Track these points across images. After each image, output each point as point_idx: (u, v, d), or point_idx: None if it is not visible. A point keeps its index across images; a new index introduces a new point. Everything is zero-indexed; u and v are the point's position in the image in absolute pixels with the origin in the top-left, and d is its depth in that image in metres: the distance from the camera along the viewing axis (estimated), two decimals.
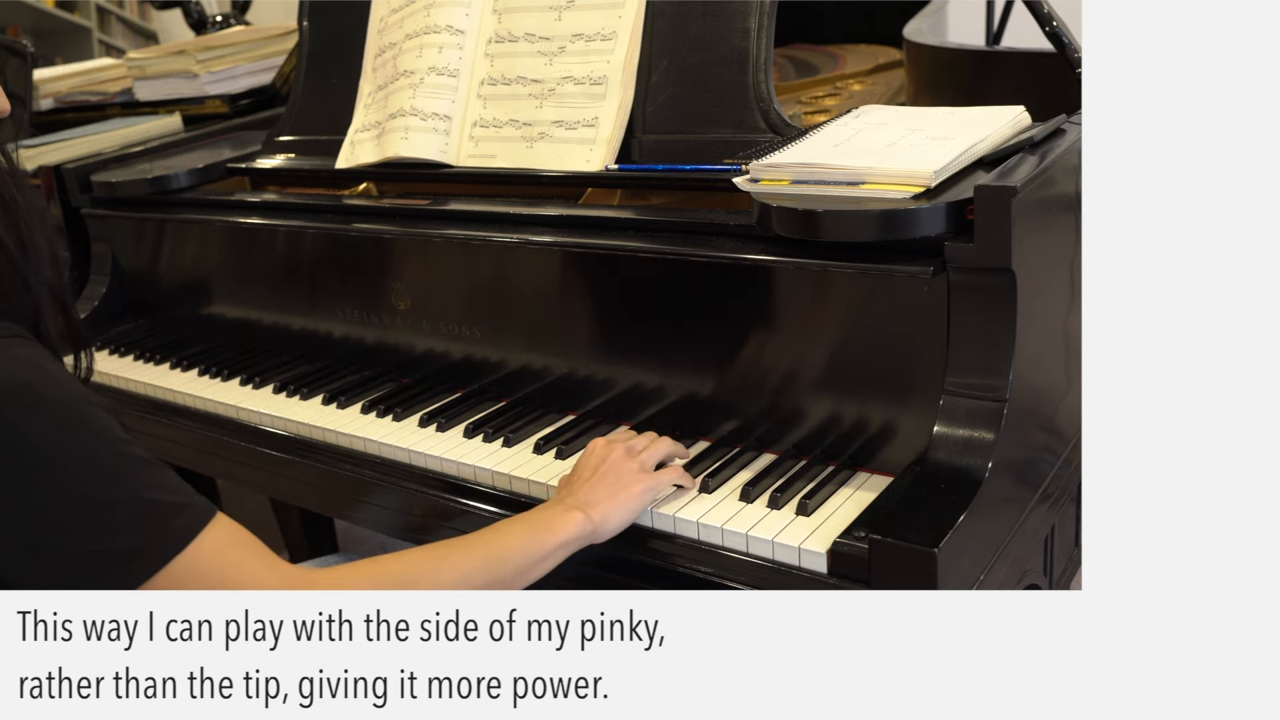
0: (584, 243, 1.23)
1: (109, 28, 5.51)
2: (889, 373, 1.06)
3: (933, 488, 0.96)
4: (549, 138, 1.36)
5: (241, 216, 1.60)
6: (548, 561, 0.99)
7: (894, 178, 1.02)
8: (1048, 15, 1.29)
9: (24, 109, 2.30)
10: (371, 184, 1.57)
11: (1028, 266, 0.99)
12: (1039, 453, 1.09)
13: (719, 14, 1.28)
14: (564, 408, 1.29)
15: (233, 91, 2.22)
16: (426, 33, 1.47)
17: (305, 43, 1.70)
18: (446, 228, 1.35)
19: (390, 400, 1.37)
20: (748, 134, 1.24)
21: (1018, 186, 0.94)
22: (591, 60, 1.35)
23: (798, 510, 1.02)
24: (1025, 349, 1.00)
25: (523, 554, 0.98)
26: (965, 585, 0.94)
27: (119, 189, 1.74)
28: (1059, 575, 1.22)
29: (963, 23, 1.94)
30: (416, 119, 1.44)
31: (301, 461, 1.37)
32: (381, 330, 1.45)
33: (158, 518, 0.83)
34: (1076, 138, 1.10)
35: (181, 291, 1.76)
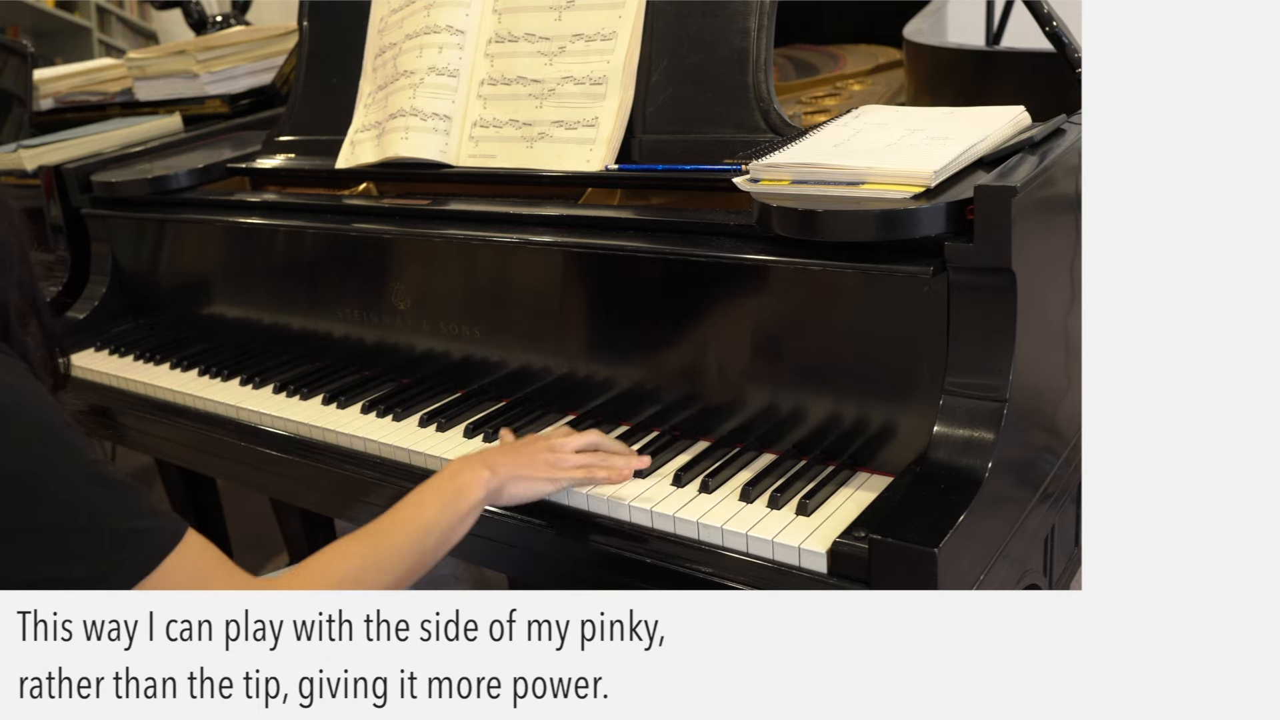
0: (584, 243, 1.23)
1: (109, 28, 5.51)
2: (889, 373, 1.06)
3: (933, 488, 0.96)
4: (549, 138, 1.36)
5: (241, 216, 1.60)
6: (463, 526, 1.02)
7: (894, 178, 1.02)
8: (1048, 15, 1.29)
9: (24, 109, 2.30)
10: (371, 184, 1.57)
11: (1028, 266, 0.99)
12: (1039, 453, 1.09)
13: (719, 14, 1.28)
14: (564, 408, 1.29)
15: (233, 91, 2.22)
16: (426, 33, 1.47)
17: (305, 43, 1.70)
18: (446, 228, 1.35)
19: (390, 400, 1.37)
20: (748, 134, 1.24)
21: (1018, 186, 0.94)
22: (591, 60, 1.35)
23: (798, 510, 1.02)
24: (1025, 349, 1.00)
25: (440, 525, 1.00)
26: (965, 585, 0.94)
27: (119, 189, 1.74)
28: (1059, 575, 1.22)
29: (963, 23, 1.94)
30: (416, 119, 1.44)
31: (301, 461, 1.37)
32: (381, 330, 1.45)
33: (121, 547, 0.84)
34: (1076, 138, 1.10)
35: (181, 291, 1.76)
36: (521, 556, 1.16)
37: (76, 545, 0.82)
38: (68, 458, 0.83)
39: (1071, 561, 1.25)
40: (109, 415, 1.65)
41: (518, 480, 1.06)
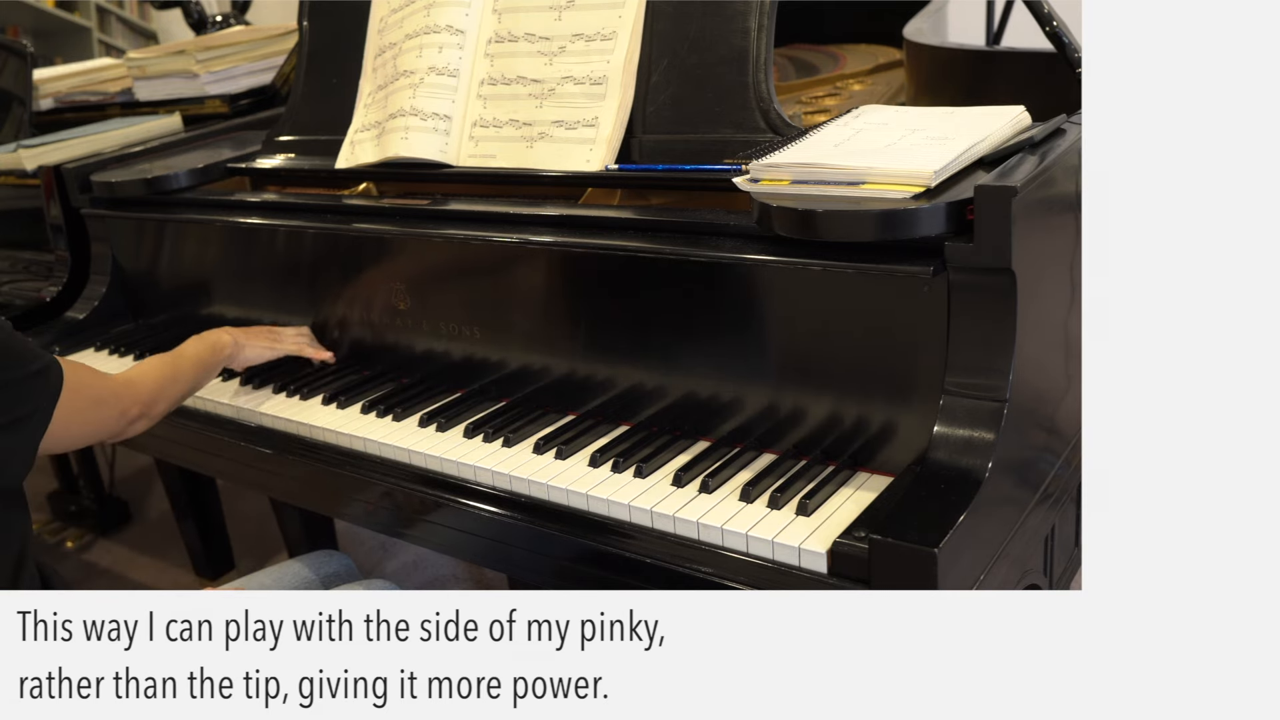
0: (584, 243, 1.23)
1: (109, 28, 5.51)
2: (889, 373, 1.06)
3: (933, 488, 0.96)
4: (549, 138, 1.36)
5: (241, 216, 1.60)
6: (213, 372, 1.42)
7: (894, 178, 1.02)
8: (1048, 15, 1.30)
9: (24, 109, 2.30)
10: (371, 184, 1.57)
11: (1028, 267, 0.99)
12: (1039, 453, 1.09)
13: (719, 14, 1.28)
14: (564, 408, 1.29)
15: (233, 91, 2.22)
16: (426, 33, 1.47)
17: (305, 43, 1.70)
18: (446, 228, 1.35)
19: (390, 400, 1.37)
20: (748, 134, 1.24)
21: (1018, 186, 0.94)
22: (591, 60, 1.35)
23: (798, 510, 1.02)
24: (1025, 349, 1.00)
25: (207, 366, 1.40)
26: (965, 585, 0.94)
27: (119, 189, 1.74)
28: (1059, 575, 1.22)
29: (963, 23, 1.94)
30: (416, 119, 1.44)
31: (301, 461, 1.37)
32: (381, 330, 1.45)
33: (42, 380, 1.07)
34: (1076, 138, 1.10)
35: (181, 291, 1.76)
36: (521, 556, 1.16)
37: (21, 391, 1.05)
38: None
39: (1071, 561, 1.25)
40: None
41: (250, 346, 1.46)
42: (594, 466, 1.15)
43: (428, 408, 1.34)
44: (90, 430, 1.19)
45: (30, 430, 1.06)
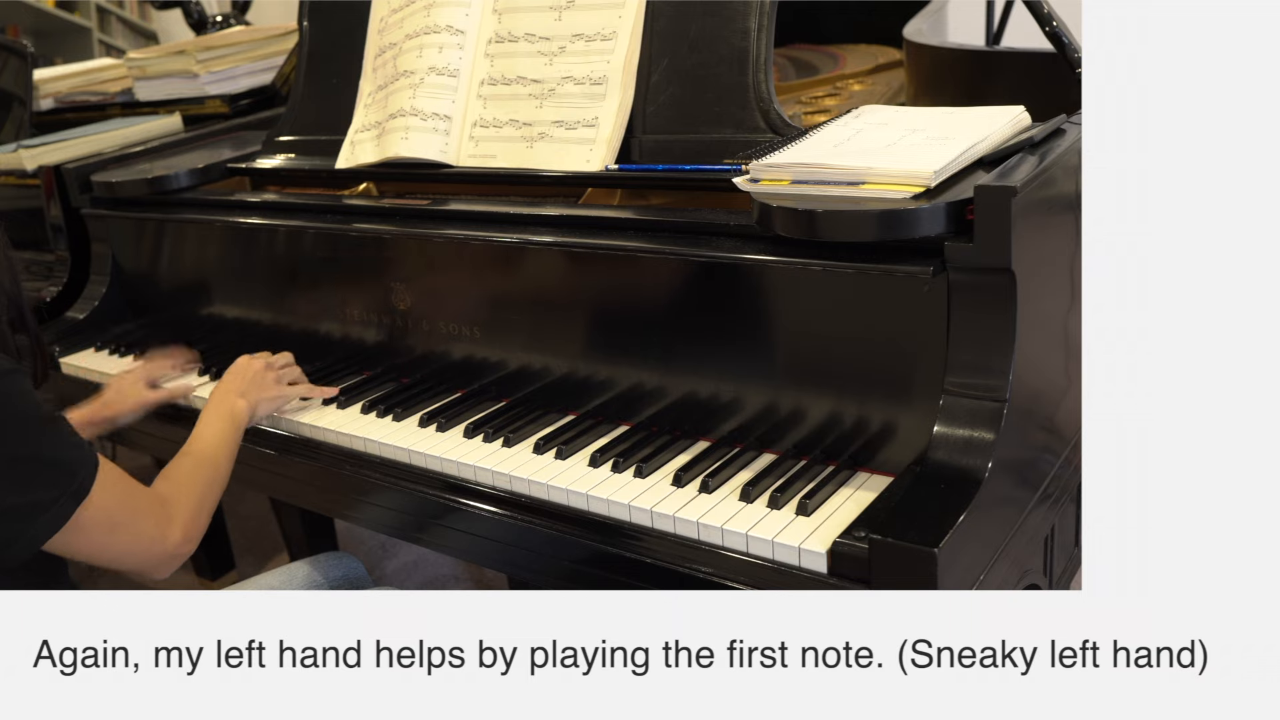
0: (584, 243, 1.23)
1: (109, 28, 5.51)
2: (889, 372, 1.06)
3: (933, 488, 0.96)
4: (549, 138, 1.36)
5: (241, 216, 1.60)
6: (238, 446, 1.29)
7: (894, 178, 1.02)
8: (1048, 15, 1.30)
9: (24, 109, 2.30)
10: (371, 184, 1.57)
11: (1028, 267, 0.99)
12: (1039, 453, 1.09)
13: (719, 14, 1.28)
14: (564, 408, 1.29)
15: (233, 91, 2.22)
16: (426, 33, 1.47)
17: (305, 43, 1.70)
18: (446, 228, 1.35)
19: (390, 400, 1.37)
20: (748, 134, 1.24)
21: (1018, 186, 0.94)
22: (591, 60, 1.35)
23: (798, 510, 1.02)
24: (1025, 349, 1.00)
25: (233, 446, 1.28)
26: (965, 585, 0.95)
27: (119, 189, 1.74)
28: (1059, 575, 1.22)
29: (963, 23, 1.94)
30: (416, 119, 1.44)
31: (301, 461, 1.37)
32: (381, 330, 1.45)
33: (66, 472, 0.98)
34: (1076, 138, 1.10)
35: (181, 291, 1.76)
36: (521, 557, 1.16)
37: (37, 473, 0.96)
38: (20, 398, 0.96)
39: (1071, 561, 1.25)
40: None
41: (262, 402, 1.35)
42: (594, 466, 1.15)
43: (428, 408, 1.34)
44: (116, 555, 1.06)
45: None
